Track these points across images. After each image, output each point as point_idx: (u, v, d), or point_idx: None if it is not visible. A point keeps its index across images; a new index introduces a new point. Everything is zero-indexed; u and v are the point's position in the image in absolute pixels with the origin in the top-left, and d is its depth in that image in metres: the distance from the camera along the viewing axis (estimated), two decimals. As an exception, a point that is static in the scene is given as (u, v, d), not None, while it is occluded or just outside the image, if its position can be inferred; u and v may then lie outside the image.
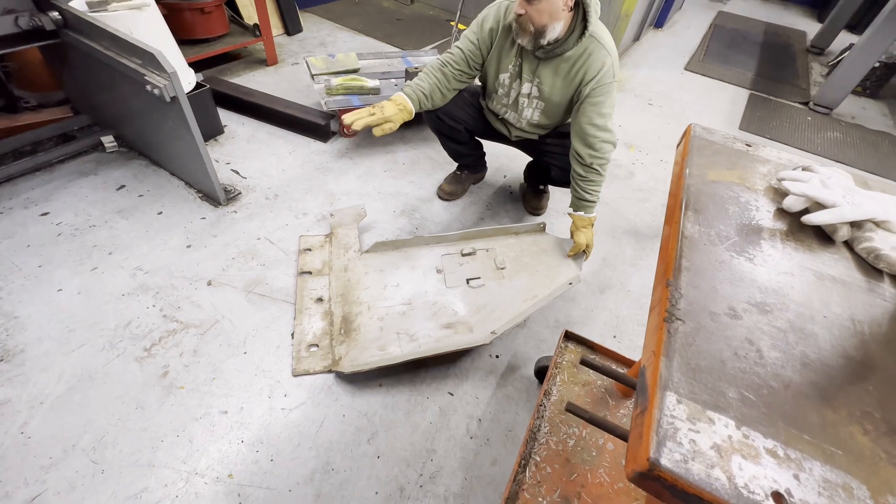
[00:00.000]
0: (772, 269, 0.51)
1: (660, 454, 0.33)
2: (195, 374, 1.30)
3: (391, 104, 1.43)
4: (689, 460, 0.33)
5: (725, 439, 0.35)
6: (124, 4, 1.65)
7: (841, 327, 0.46)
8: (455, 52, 1.51)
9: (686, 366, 0.39)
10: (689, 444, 0.34)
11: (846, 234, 0.55)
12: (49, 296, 1.43)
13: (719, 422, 0.36)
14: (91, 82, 1.82)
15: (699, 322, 0.43)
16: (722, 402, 0.37)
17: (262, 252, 1.68)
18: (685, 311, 0.44)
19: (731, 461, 0.34)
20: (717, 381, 0.39)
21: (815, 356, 0.42)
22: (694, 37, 4.50)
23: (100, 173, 1.88)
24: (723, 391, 0.38)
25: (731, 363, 0.40)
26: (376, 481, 1.16)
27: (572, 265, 1.58)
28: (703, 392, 0.38)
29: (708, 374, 0.39)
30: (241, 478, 1.12)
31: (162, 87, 1.40)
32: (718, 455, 0.34)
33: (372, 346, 1.39)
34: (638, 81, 3.41)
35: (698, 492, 0.32)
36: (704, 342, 0.42)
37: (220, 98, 2.28)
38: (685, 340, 0.41)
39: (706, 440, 0.35)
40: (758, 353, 0.42)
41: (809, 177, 0.61)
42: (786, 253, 0.54)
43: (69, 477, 1.08)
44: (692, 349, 0.41)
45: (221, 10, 2.52)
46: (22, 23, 1.54)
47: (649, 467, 0.33)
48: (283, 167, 2.08)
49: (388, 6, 4.00)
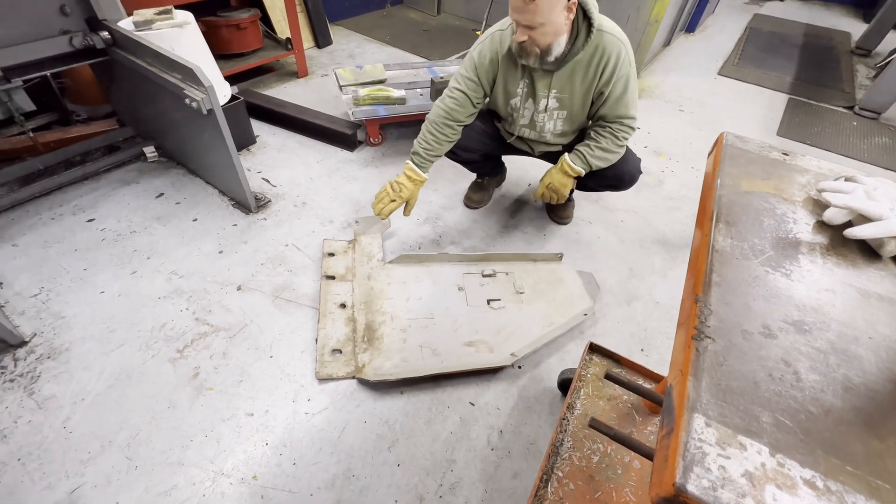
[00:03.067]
0: (811, 285, 0.48)
1: (686, 479, 0.32)
2: (224, 376, 1.34)
3: (408, 182, 1.54)
4: (719, 488, 0.32)
5: (758, 467, 0.33)
6: (167, 23, 1.75)
7: (889, 349, 0.43)
8: (457, 96, 1.50)
9: (716, 387, 0.38)
10: (719, 471, 0.33)
11: (895, 249, 0.52)
12: (92, 297, 1.51)
13: (752, 448, 0.34)
14: (135, 96, 1.93)
15: (730, 340, 0.41)
16: (755, 427, 0.35)
17: (290, 258, 1.72)
18: (715, 329, 0.42)
19: (765, 491, 0.32)
20: (750, 405, 0.37)
21: (859, 380, 0.39)
22: (728, 41, 4.36)
23: (141, 182, 1.98)
24: (756, 415, 0.36)
25: (765, 385, 0.38)
26: (396, 490, 1.16)
27: (586, 296, 1.61)
28: (734, 415, 0.36)
29: (740, 397, 0.37)
30: (264, 480, 1.15)
31: (199, 100, 1.47)
32: (750, 484, 0.32)
33: (395, 357, 1.40)
34: (668, 87, 3.33)
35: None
36: (736, 362, 0.40)
37: (253, 109, 2.37)
38: (715, 360, 0.39)
39: (737, 467, 0.33)
40: (795, 375, 0.39)
41: (853, 187, 0.58)
42: (826, 268, 0.51)
43: (106, 472, 1.13)
44: (722, 369, 0.39)
45: (256, 26, 2.63)
46: (76, 42, 1.65)
47: (675, 493, 0.32)
48: (312, 175, 2.13)
49: (415, 17, 4.07)
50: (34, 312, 1.45)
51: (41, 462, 1.13)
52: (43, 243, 1.67)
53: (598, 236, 1.96)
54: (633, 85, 1.45)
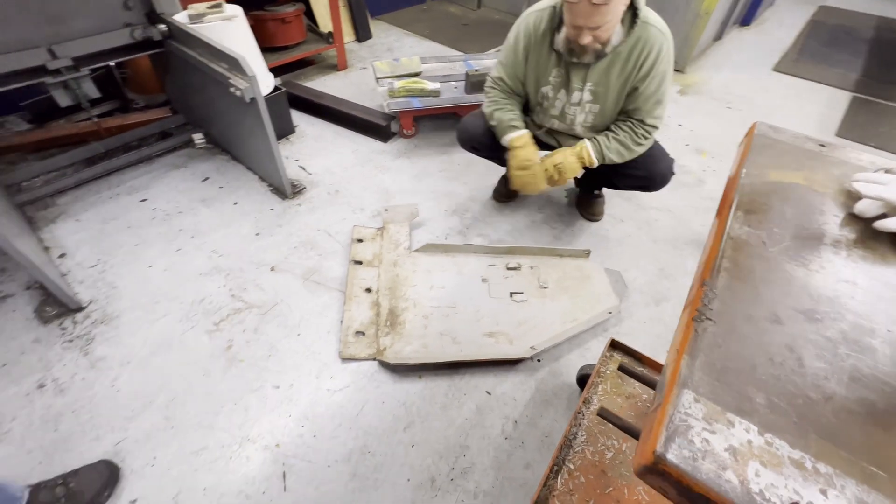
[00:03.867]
0: (830, 276, 0.46)
1: (667, 449, 0.32)
2: (254, 349, 1.42)
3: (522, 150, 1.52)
4: (699, 459, 0.32)
5: (744, 443, 0.33)
6: (217, 16, 1.85)
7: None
8: (506, 80, 1.54)
9: (710, 366, 0.37)
10: (702, 444, 0.33)
11: None
12: (142, 271, 1.64)
13: (740, 425, 0.34)
14: (187, 86, 2.05)
15: (732, 324, 0.41)
16: (747, 407, 0.35)
17: (321, 243, 1.79)
18: (718, 312, 0.41)
19: (748, 466, 0.31)
20: (745, 386, 0.36)
21: (869, 371, 0.38)
22: (787, 35, 4.09)
23: (189, 166, 2.12)
24: (749, 396, 0.36)
25: (763, 368, 0.37)
26: (409, 469, 1.19)
27: (612, 295, 1.58)
28: (725, 394, 0.35)
29: (735, 377, 0.37)
30: (286, 448, 1.21)
31: (243, 88, 1.55)
32: (733, 458, 0.32)
33: (416, 342, 1.43)
34: (716, 83, 3.17)
35: (705, 491, 0.30)
36: (736, 344, 0.39)
37: (294, 100, 2.47)
38: (713, 341, 0.39)
39: (721, 441, 0.33)
40: (798, 360, 0.38)
41: (890, 179, 0.54)
42: (850, 261, 0.48)
43: (146, 429, 1.23)
44: (720, 350, 0.38)
45: (300, 20, 2.73)
46: (136, 34, 1.78)
47: (655, 461, 0.32)
48: (346, 165, 2.20)
49: (455, 12, 4.08)
50: (91, 282, 1.59)
51: (91, 415, 1.25)
52: (101, 219, 1.82)
53: (629, 234, 1.91)
54: (666, 86, 1.40)
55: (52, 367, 1.34)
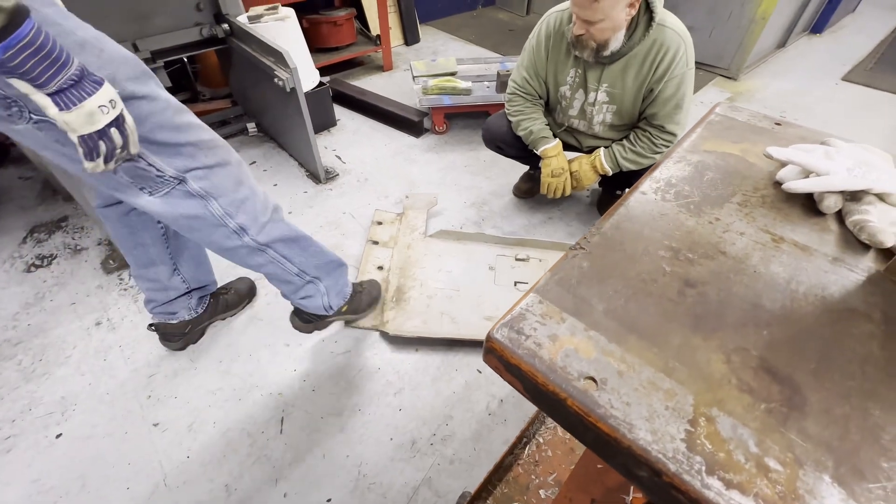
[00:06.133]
0: (720, 227, 0.49)
1: (500, 333, 0.38)
2: (273, 311, 1.58)
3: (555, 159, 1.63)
4: (523, 341, 0.38)
5: (566, 334, 0.38)
6: (272, 17, 2.08)
7: (768, 283, 0.43)
8: (531, 83, 1.60)
9: (566, 281, 0.43)
10: (530, 330, 0.38)
11: (834, 205, 0.50)
12: (189, 236, 1.86)
13: (570, 322, 0.39)
14: (245, 79, 2.30)
15: (604, 254, 0.45)
16: (584, 310, 0.40)
17: (344, 224, 1.93)
18: (594, 244, 0.46)
19: (563, 349, 0.37)
20: (590, 296, 0.41)
21: (716, 297, 0.41)
22: (865, 43, 3.77)
23: (241, 151, 2.36)
24: (591, 304, 0.41)
25: (613, 287, 0.42)
26: (394, 430, 1.28)
27: None
28: (567, 300, 0.41)
29: (584, 289, 0.42)
30: (287, 398, 1.34)
31: (285, 79, 1.74)
32: (552, 342, 0.37)
33: (417, 318, 1.52)
34: (771, 91, 3.01)
35: (518, 362, 0.36)
36: (598, 267, 0.44)
37: (339, 96, 2.67)
38: (577, 263, 0.44)
39: (547, 331, 0.38)
40: (651, 282, 0.42)
41: (813, 147, 0.56)
42: (751, 217, 0.51)
43: (174, 367, 1.41)
44: (580, 270, 0.43)
45: (351, 23, 2.94)
46: (204, 32, 2.04)
47: (487, 339, 0.39)
48: (377, 156, 2.35)
49: (503, 18, 4.17)
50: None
51: (133, 352, 1.45)
52: (163, 192, 2.09)
53: (647, 236, 1.87)
54: (685, 89, 1.38)
55: (108, 308, 1.58)
